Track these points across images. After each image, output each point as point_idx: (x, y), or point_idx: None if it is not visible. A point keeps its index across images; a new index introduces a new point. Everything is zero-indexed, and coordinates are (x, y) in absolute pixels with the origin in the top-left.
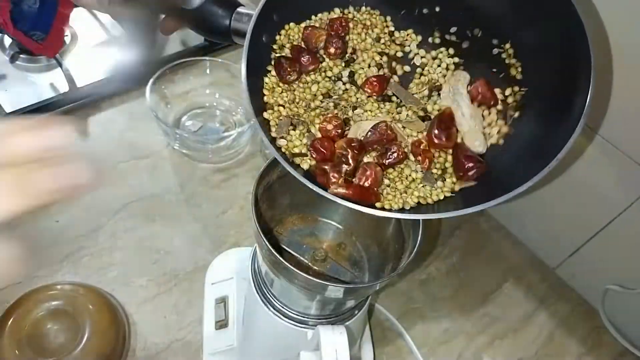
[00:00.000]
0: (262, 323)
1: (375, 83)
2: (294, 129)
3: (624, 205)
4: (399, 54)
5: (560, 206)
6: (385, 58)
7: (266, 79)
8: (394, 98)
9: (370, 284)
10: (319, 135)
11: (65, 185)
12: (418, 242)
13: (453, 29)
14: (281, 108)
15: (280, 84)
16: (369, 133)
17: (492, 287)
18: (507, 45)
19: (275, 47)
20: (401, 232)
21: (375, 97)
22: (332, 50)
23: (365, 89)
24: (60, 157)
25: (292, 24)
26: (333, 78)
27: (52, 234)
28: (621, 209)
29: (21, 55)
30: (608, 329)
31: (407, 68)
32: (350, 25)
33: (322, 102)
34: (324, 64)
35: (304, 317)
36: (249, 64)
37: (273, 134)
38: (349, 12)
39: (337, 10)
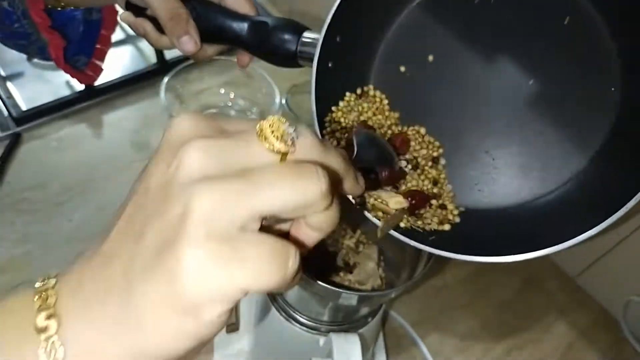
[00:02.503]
0: (273, 328)
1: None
2: None
3: None
4: None
5: None
6: None
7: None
8: None
9: (385, 292)
10: None
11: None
12: None
13: None
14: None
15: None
16: None
17: (510, 296)
18: None
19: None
20: None
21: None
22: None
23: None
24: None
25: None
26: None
27: (65, 233)
28: None
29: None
30: (629, 341)
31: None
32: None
33: None
34: None
35: (316, 323)
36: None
37: None
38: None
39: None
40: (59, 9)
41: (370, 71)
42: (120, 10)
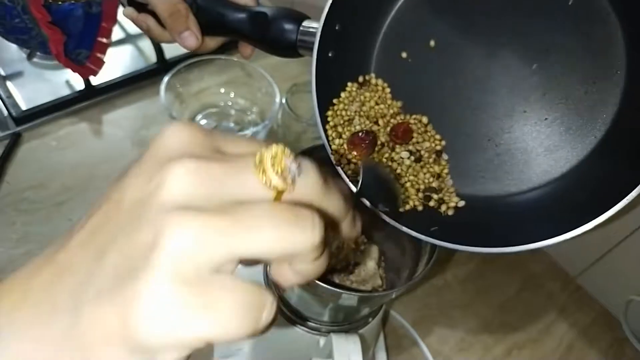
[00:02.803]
0: (273, 328)
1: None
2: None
3: None
4: None
5: None
6: None
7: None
8: None
9: (386, 292)
10: None
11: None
12: (436, 249)
13: None
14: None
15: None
16: None
17: (510, 295)
18: None
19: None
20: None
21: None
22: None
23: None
24: None
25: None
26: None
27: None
28: None
29: (38, 53)
30: (630, 341)
31: None
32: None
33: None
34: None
35: (316, 323)
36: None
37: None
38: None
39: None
40: (59, 2)
41: (372, 59)
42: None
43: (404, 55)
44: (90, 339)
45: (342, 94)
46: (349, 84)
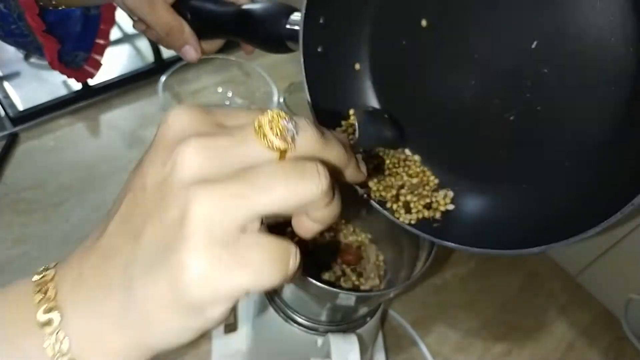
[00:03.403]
0: (271, 328)
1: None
2: None
3: None
4: None
5: None
6: None
7: None
8: None
9: (383, 291)
10: None
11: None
12: (434, 248)
13: None
14: None
15: None
16: None
17: (510, 295)
18: None
19: None
20: (416, 236)
21: None
22: None
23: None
24: None
25: None
26: None
27: (63, 233)
28: None
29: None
30: (630, 340)
31: None
32: None
33: None
34: None
35: (314, 323)
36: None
37: None
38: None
39: None
40: (50, 8)
41: (364, 52)
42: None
43: (397, 42)
44: (147, 308)
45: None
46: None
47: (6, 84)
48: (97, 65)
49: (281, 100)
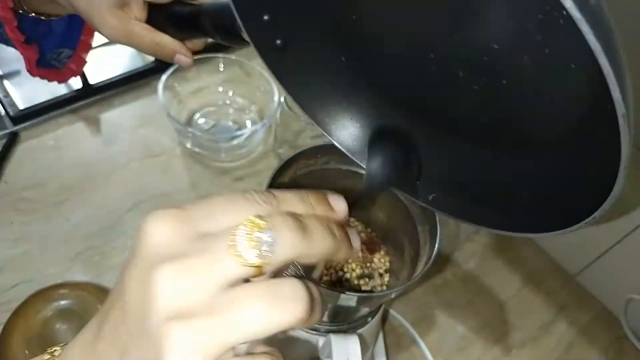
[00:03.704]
0: None
1: None
2: None
3: None
4: None
5: None
6: None
7: None
8: None
9: (385, 292)
10: None
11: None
12: (435, 249)
13: None
14: None
15: None
16: None
17: (510, 294)
18: None
19: None
20: (417, 237)
21: None
22: None
23: None
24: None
25: None
26: None
27: (63, 233)
28: None
29: None
30: (630, 339)
31: None
32: None
33: None
34: None
35: (315, 323)
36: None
37: None
38: None
39: None
40: (32, 14)
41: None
42: None
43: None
44: None
45: None
46: None
47: (6, 83)
48: (82, 62)
49: (282, 99)
